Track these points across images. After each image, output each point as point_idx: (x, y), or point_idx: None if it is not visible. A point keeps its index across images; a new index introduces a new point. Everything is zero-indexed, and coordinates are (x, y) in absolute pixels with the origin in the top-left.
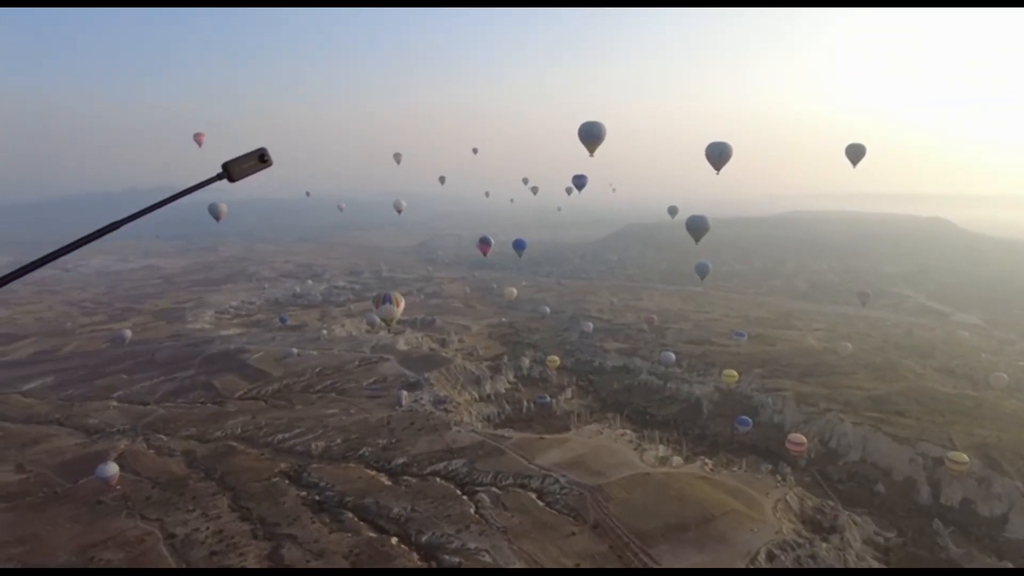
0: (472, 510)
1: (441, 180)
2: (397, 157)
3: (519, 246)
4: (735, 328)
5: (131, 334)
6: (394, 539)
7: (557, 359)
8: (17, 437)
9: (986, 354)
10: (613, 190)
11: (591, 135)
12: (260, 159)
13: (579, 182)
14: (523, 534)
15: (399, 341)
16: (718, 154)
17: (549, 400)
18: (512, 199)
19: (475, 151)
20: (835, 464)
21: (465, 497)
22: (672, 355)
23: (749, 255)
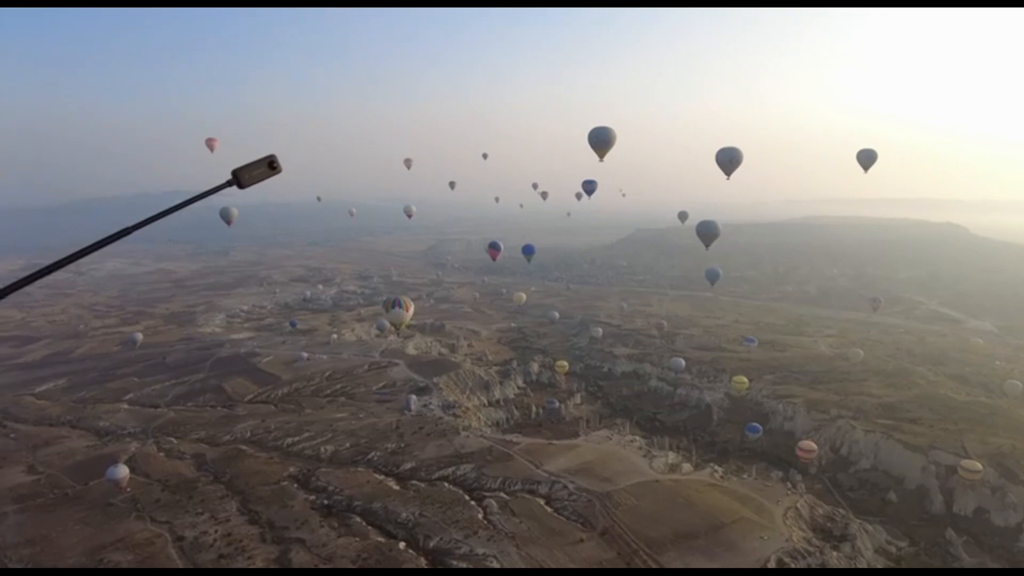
0: (480, 515)
1: (451, 185)
2: (408, 162)
3: (528, 251)
4: (745, 334)
5: (142, 337)
6: (402, 544)
7: (566, 364)
8: (29, 438)
9: (1000, 361)
10: (623, 195)
11: (601, 140)
12: (269, 166)
13: (589, 187)
14: (531, 540)
15: (408, 346)
16: (728, 159)
17: (558, 405)
18: (522, 204)
19: (485, 156)
20: (846, 472)
21: (473, 502)
22: (682, 361)
23: (760, 261)
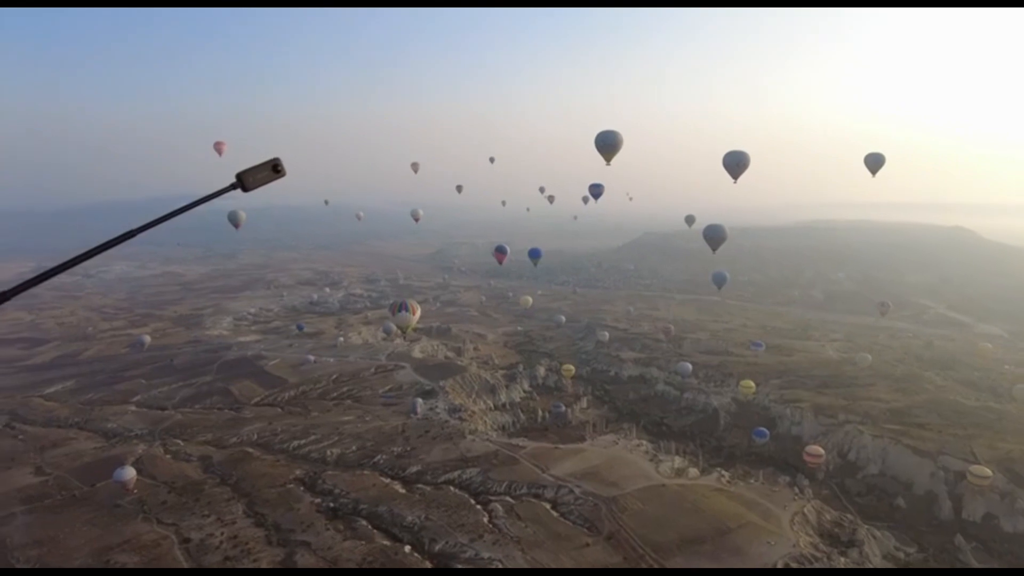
0: (486, 519)
1: (458, 189)
2: (415, 166)
3: (535, 255)
4: (752, 338)
5: (150, 339)
6: (407, 547)
7: (572, 368)
8: (37, 440)
9: (1009, 365)
10: (630, 199)
11: (608, 144)
12: (274, 169)
13: (596, 191)
14: (537, 544)
15: (415, 349)
16: (735, 163)
17: (564, 410)
18: (528, 208)
19: (492, 160)
20: (854, 477)
21: (479, 506)
22: (689, 365)
23: (767, 265)
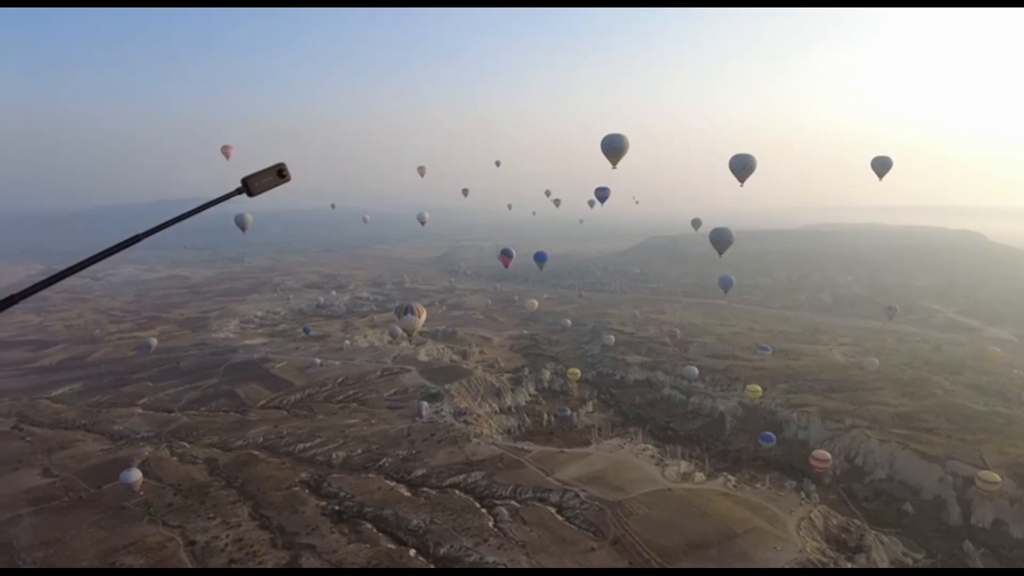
0: (491, 523)
1: (464, 192)
2: (421, 170)
3: (540, 258)
4: (759, 342)
5: (157, 342)
6: (412, 551)
7: (578, 372)
8: (45, 442)
9: (1019, 370)
10: (636, 202)
11: (614, 148)
12: (279, 174)
13: (602, 194)
14: (542, 549)
15: (420, 352)
16: (742, 166)
17: (570, 413)
18: (535, 211)
19: (498, 164)
20: (861, 482)
21: (484, 510)
22: (695, 369)
23: (774, 268)
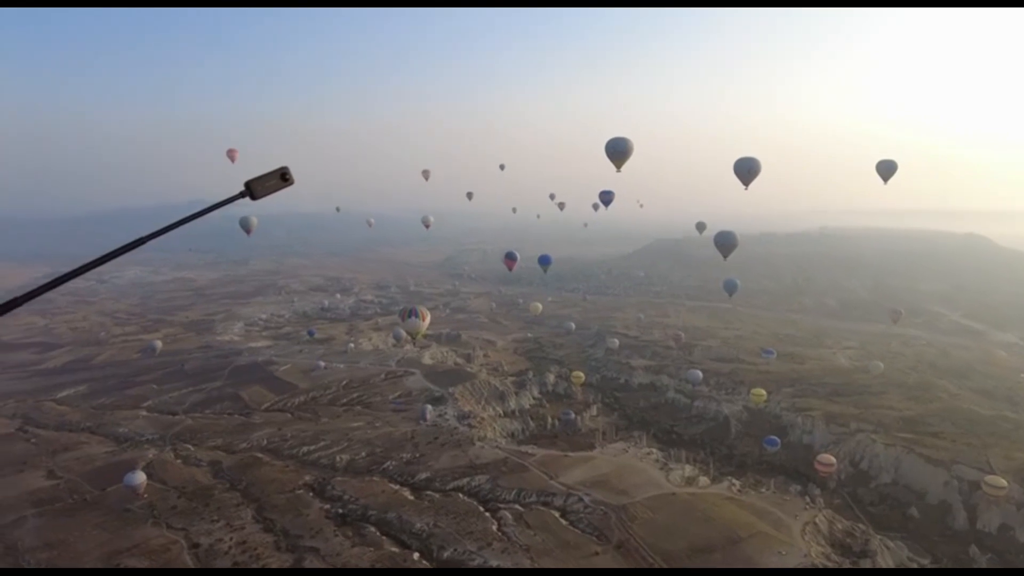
0: (494, 527)
1: (469, 196)
2: (426, 173)
3: (544, 261)
4: (764, 346)
5: (161, 345)
6: (416, 554)
7: (582, 375)
8: (49, 444)
9: None
10: (640, 206)
11: (618, 151)
12: (282, 178)
13: (606, 198)
14: (545, 553)
15: (424, 355)
16: (747, 169)
17: (574, 417)
18: (539, 215)
19: (502, 167)
20: (866, 486)
21: (488, 514)
22: (699, 373)
23: (778, 272)
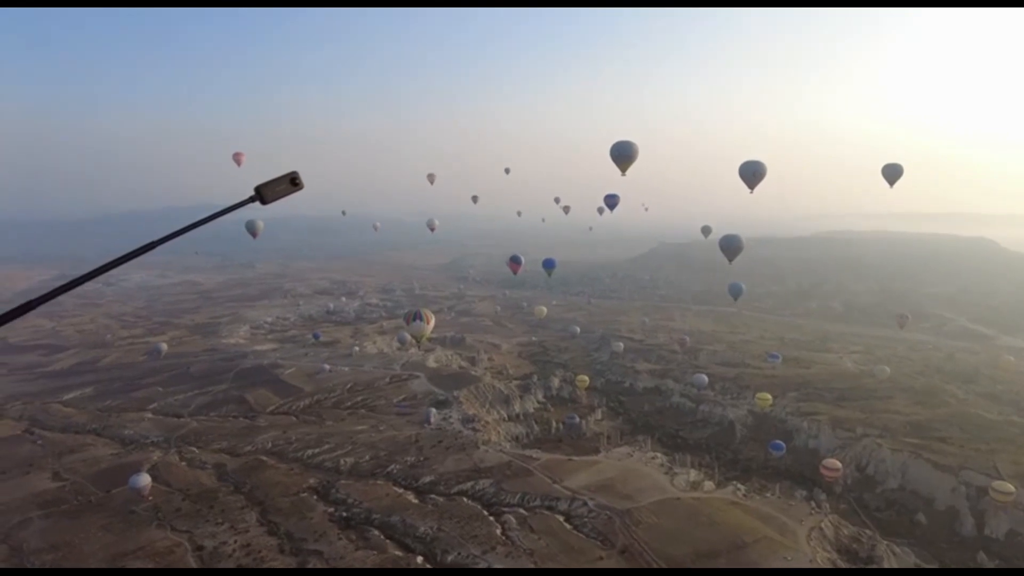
0: (498, 531)
1: (474, 199)
2: (431, 177)
3: (549, 265)
4: (769, 350)
5: (167, 347)
6: (420, 558)
7: (587, 379)
8: (55, 445)
9: None
10: (645, 209)
11: (623, 155)
12: (292, 182)
13: (611, 201)
14: (549, 557)
15: (429, 359)
16: (752, 173)
17: (579, 421)
18: (544, 218)
19: (507, 171)
20: (873, 491)
21: (492, 518)
22: (704, 377)
23: (784, 276)
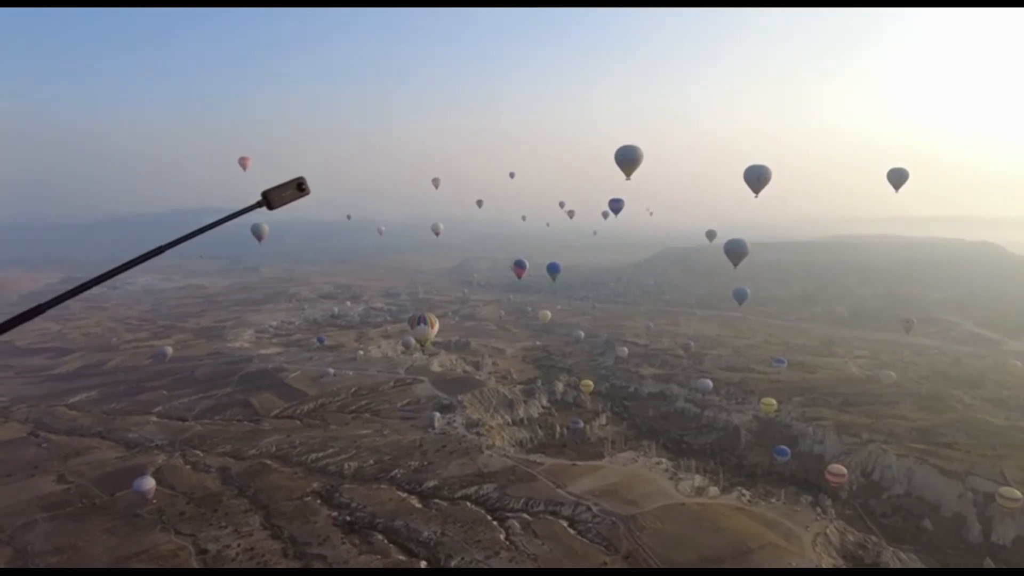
0: (502, 536)
1: (479, 204)
2: (435, 182)
3: (553, 269)
4: (774, 355)
5: (172, 351)
6: (423, 563)
7: (591, 384)
8: (60, 448)
9: None
10: (650, 214)
11: (628, 159)
12: (298, 188)
13: (615, 206)
14: (553, 562)
15: (433, 363)
16: (757, 177)
17: (583, 426)
18: (548, 223)
19: (512, 175)
20: (878, 497)
21: (495, 523)
22: (709, 382)
23: (789, 280)
